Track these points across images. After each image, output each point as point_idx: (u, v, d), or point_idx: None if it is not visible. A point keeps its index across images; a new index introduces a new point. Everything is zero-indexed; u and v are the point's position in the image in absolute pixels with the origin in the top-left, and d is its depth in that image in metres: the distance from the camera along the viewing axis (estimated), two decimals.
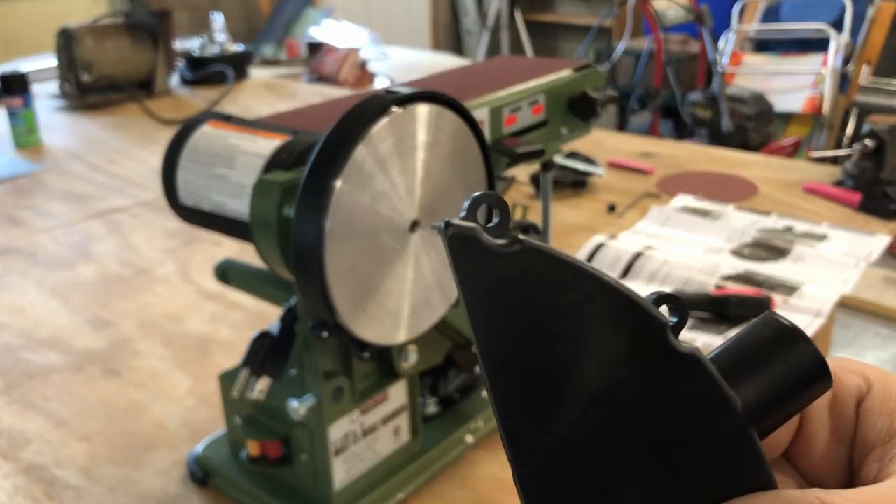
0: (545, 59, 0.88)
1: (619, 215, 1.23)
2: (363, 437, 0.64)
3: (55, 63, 1.97)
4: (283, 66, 2.62)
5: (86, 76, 1.92)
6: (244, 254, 0.69)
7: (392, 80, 2.42)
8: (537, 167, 0.96)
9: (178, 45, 2.28)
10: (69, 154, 1.65)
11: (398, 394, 0.66)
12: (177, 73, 2.19)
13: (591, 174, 1.34)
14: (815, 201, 1.26)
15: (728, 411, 0.24)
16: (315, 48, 2.58)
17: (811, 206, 1.24)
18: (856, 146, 1.24)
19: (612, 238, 1.12)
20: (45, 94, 2.06)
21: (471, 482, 0.69)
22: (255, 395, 0.58)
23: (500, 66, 0.84)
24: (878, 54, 3.05)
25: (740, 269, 1.01)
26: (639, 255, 1.05)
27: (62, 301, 1.03)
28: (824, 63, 3.12)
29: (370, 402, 0.63)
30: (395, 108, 0.53)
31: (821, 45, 3.17)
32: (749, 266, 1.03)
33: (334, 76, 2.40)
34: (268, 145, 0.58)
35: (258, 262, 0.59)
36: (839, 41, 3.10)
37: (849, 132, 2.87)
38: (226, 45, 2.28)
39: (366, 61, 2.52)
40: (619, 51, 3.18)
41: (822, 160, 1.62)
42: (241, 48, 2.31)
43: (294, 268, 0.52)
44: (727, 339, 0.26)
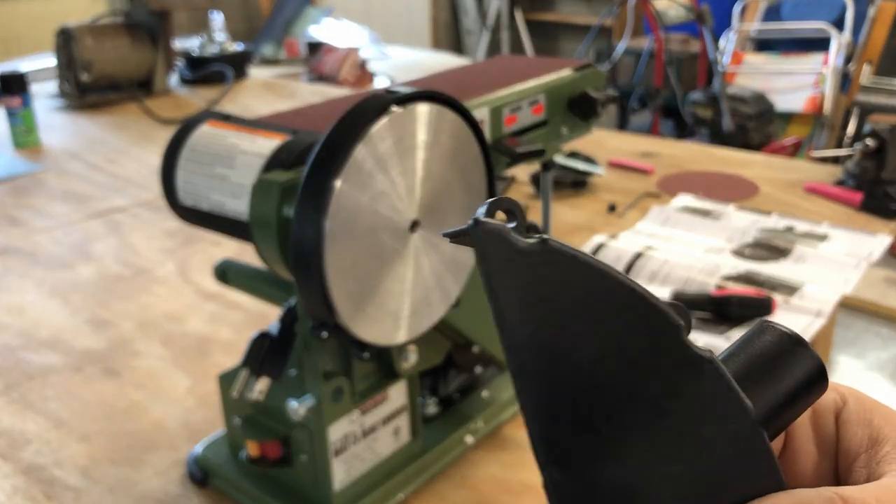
0: (545, 58, 0.87)
1: (619, 215, 1.23)
2: (363, 438, 0.63)
3: (54, 63, 1.96)
4: (283, 65, 2.62)
5: (85, 76, 1.92)
6: (244, 254, 0.69)
7: (392, 80, 2.42)
8: (537, 167, 0.96)
9: (178, 44, 2.28)
10: (68, 154, 1.65)
11: (398, 394, 0.66)
12: (176, 73, 2.19)
13: (592, 174, 1.33)
14: (816, 201, 1.25)
15: (742, 414, 0.25)
16: (315, 48, 2.57)
17: (812, 206, 1.23)
18: (857, 146, 1.24)
19: (613, 238, 1.11)
20: (45, 93, 2.06)
21: (471, 482, 0.69)
22: (254, 395, 0.58)
23: (501, 66, 0.83)
24: (880, 54, 3.05)
25: (741, 270, 1.01)
26: (639, 255, 1.04)
27: (61, 301, 1.03)
28: (825, 62, 3.12)
29: (370, 403, 0.63)
30: (394, 108, 0.52)
31: (822, 44, 3.17)
32: (750, 266, 1.03)
33: (334, 76, 2.40)
34: (267, 145, 0.58)
35: (258, 262, 0.59)
36: (840, 40, 3.10)
37: (850, 132, 2.87)
38: (225, 44, 2.28)
39: (366, 61, 2.52)
40: (620, 50, 3.18)
41: (824, 160, 1.62)
42: (240, 47, 2.31)
43: (294, 268, 0.52)
44: (727, 346, 0.27)
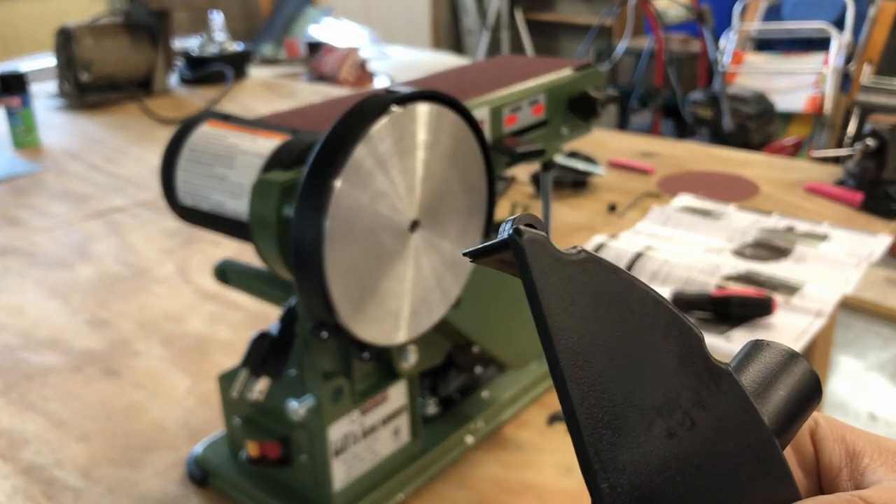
0: (546, 58, 0.87)
1: (619, 215, 1.23)
2: (363, 438, 0.63)
3: (54, 62, 1.96)
4: (283, 65, 2.62)
5: (85, 75, 1.92)
6: (244, 254, 0.68)
7: (392, 80, 2.42)
8: (537, 167, 0.96)
9: (178, 44, 2.28)
10: (68, 154, 1.65)
11: (398, 394, 0.66)
12: (176, 73, 2.19)
13: (592, 174, 1.33)
14: (816, 201, 1.25)
15: (757, 426, 0.25)
16: (315, 47, 2.57)
17: (812, 206, 1.23)
18: (857, 146, 1.24)
19: (613, 238, 1.11)
20: (44, 93, 2.05)
21: (471, 483, 0.69)
22: (254, 395, 0.58)
23: (501, 66, 0.83)
24: (880, 53, 3.05)
25: (741, 269, 1.01)
26: (639, 255, 1.04)
27: (61, 301, 1.03)
28: (826, 62, 3.12)
29: (370, 403, 0.63)
30: (394, 108, 0.52)
31: (822, 44, 3.17)
32: (750, 266, 1.03)
33: (334, 75, 2.40)
34: (267, 145, 0.58)
35: (258, 262, 0.59)
36: (841, 40, 3.10)
37: (850, 132, 2.87)
38: (225, 44, 2.27)
39: (365, 60, 2.52)
40: (620, 50, 3.18)
41: (824, 160, 1.62)
42: (240, 47, 2.31)
43: (293, 268, 0.52)
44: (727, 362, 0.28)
